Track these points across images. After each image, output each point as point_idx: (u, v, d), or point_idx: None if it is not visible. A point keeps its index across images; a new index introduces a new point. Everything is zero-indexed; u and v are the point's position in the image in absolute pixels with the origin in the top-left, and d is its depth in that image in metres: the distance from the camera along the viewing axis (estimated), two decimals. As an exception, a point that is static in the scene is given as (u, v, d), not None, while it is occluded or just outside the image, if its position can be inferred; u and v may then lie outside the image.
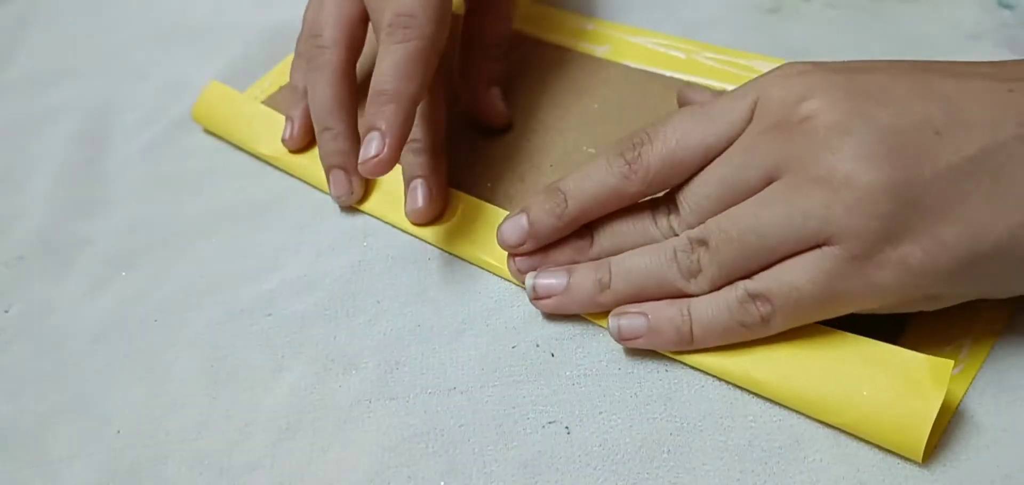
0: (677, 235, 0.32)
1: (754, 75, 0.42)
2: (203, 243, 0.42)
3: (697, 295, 0.31)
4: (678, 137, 0.31)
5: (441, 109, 0.41)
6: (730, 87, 0.42)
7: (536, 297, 0.34)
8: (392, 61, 0.35)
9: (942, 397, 0.28)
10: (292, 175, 0.44)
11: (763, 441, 0.30)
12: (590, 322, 0.34)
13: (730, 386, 0.31)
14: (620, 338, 0.32)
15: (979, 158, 0.27)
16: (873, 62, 0.30)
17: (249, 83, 0.50)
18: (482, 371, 0.33)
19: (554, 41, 0.49)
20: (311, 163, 0.44)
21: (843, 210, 0.27)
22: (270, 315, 0.38)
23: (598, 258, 0.33)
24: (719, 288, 0.30)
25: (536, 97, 0.45)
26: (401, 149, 0.34)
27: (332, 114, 0.40)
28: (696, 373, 0.32)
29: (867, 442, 0.29)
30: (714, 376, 0.32)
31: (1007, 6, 0.44)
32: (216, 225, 0.43)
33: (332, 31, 0.41)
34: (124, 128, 0.50)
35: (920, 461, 0.28)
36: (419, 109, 0.38)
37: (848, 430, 0.29)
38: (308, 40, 0.42)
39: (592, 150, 0.41)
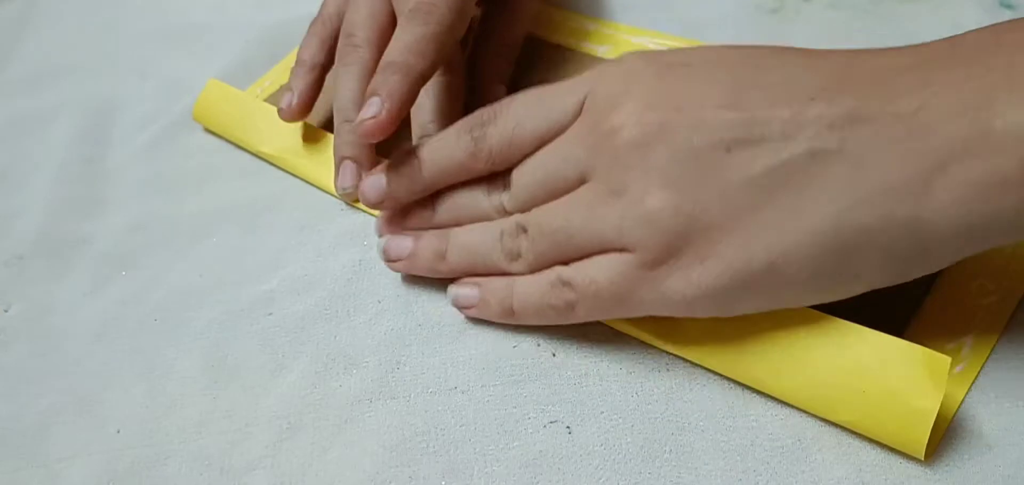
0: (506, 212, 0.34)
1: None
2: (203, 242, 0.42)
3: (519, 275, 0.33)
4: (517, 120, 0.33)
5: (456, 102, 0.41)
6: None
7: (387, 259, 0.36)
8: (406, 39, 0.36)
9: (942, 394, 0.27)
10: (293, 174, 0.44)
11: (765, 441, 0.30)
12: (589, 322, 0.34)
13: (732, 386, 0.31)
14: (456, 305, 0.35)
15: (763, 176, 0.27)
16: (700, 53, 0.31)
17: (249, 83, 0.50)
18: (483, 370, 0.33)
19: (555, 41, 0.49)
20: (312, 162, 0.44)
21: (633, 224, 0.29)
22: (271, 314, 0.37)
23: (439, 226, 0.36)
24: (536, 271, 0.33)
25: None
26: (399, 117, 0.35)
27: (356, 108, 0.40)
28: (698, 372, 0.32)
29: (869, 441, 0.29)
30: (715, 373, 0.32)
31: (1008, 6, 0.44)
32: (216, 224, 0.43)
33: (366, 32, 0.41)
34: (124, 127, 0.50)
35: (922, 458, 0.28)
36: (434, 100, 0.39)
37: (849, 427, 0.29)
38: (343, 39, 0.42)
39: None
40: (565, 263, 0.32)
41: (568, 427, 0.31)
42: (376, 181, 0.36)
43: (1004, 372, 0.30)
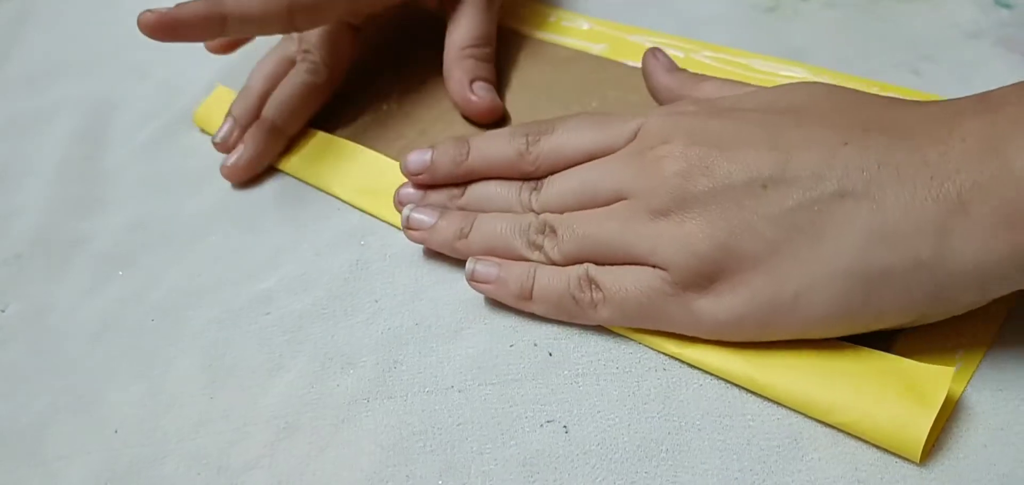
0: (533, 211, 0.36)
1: (751, 74, 0.43)
2: (201, 242, 0.42)
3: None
4: (571, 138, 0.36)
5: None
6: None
7: (407, 227, 0.37)
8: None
9: (941, 402, 0.28)
10: (293, 176, 0.44)
11: (761, 440, 0.30)
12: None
13: (729, 385, 0.31)
14: (472, 279, 0.35)
15: (793, 213, 0.29)
16: (751, 98, 0.33)
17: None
18: (480, 370, 0.33)
19: (552, 40, 0.49)
20: (312, 163, 0.44)
21: (670, 244, 0.31)
22: (268, 314, 0.37)
23: (464, 208, 0.38)
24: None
25: (534, 96, 0.45)
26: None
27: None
28: (695, 372, 0.32)
29: (866, 440, 0.29)
30: (714, 376, 0.32)
31: (1005, 5, 0.44)
32: (214, 224, 0.43)
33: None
34: (123, 126, 0.50)
35: (918, 461, 0.28)
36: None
37: (846, 431, 0.29)
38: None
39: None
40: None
41: (565, 426, 0.31)
42: (421, 156, 0.38)
43: (999, 371, 0.30)
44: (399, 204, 0.39)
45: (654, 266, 0.31)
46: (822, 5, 0.47)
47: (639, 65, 0.45)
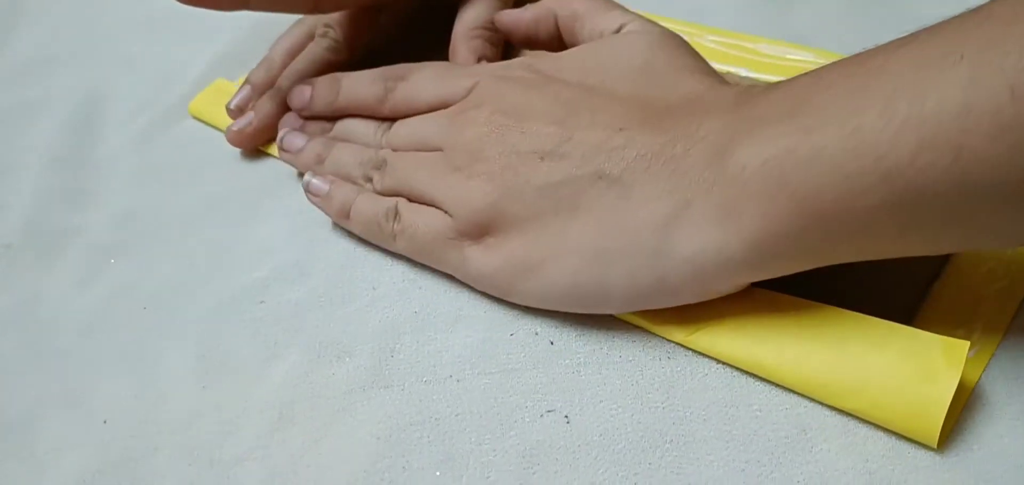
0: (379, 145, 0.39)
1: (758, 58, 0.42)
2: (194, 232, 0.41)
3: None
4: (421, 86, 0.39)
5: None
6: (734, 69, 0.42)
7: (280, 147, 0.42)
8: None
9: (957, 379, 0.27)
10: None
11: (768, 431, 0.29)
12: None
13: (734, 374, 0.31)
14: (307, 191, 0.39)
15: (558, 186, 0.32)
16: (563, 69, 0.36)
17: (241, 72, 0.49)
18: (479, 359, 0.33)
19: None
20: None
21: (456, 195, 0.34)
22: (263, 303, 0.37)
23: (333, 137, 0.41)
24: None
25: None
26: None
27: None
28: (700, 361, 0.31)
29: (876, 431, 0.28)
30: (720, 361, 0.31)
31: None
32: (208, 213, 0.42)
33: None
34: (115, 117, 0.49)
35: (935, 446, 0.27)
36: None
37: (859, 415, 0.28)
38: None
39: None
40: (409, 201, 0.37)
41: (566, 416, 0.30)
42: (302, 91, 0.42)
43: (1016, 358, 0.29)
44: (279, 128, 0.43)
45: (445, 213, 0.34)
46: (827, -10, 0.46)
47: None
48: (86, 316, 0.38)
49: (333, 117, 0.42)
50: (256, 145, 0.44)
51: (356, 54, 0.47)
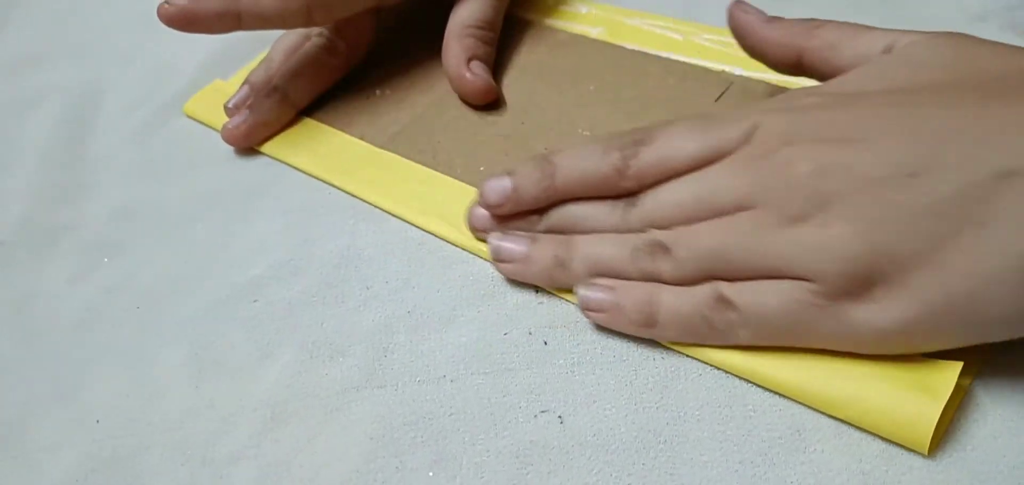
0: (631, 226, 0.32)
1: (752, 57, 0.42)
2: (188, 229, 0.41)
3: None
4: (675, 147, 0.31)
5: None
6: (729, 68, 0.42)
7: (498, 259, 0.34)
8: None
9: (949, 394, 0.27)
10: (284, 162, 0.43)
11: (763, 431, 0.29)
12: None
13: (729, 375, 0.30)
14: (584, 307, 0.32)
15: (952, 200, 0.26)
16: (863, 82, 0.31)
17: (236, 68, 0.49)
18: (473, 359, 0.33)
19: (549, 24, 0.48)
20: (303, 150, 0.43)
21: (812, 251, 0.27)
22: (256, 301, 0.37)
23: (548, 231, 0.34)
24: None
25: (531, 80, 0.44)
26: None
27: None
28: (694, 361, 0.31)
29: (870, 432, 0.28)
30: (714, 367, 0.31)
31: (1012, -14, 0.43)
32: (202, 210, 0.42)
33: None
34: (109, 112, 0.49)
35: (925, 453, 0.27)
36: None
37: (852, 424, 0.28)
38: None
39: (587, 133, 0.40)
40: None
41: (560, 417, 0.30)
42: (499, 184, 0.34)
43: (1009, 359, 0.29)
44: (476, 229, 0.36)
45: (795, 278, 0.28)
46: (824, -12, 0.46)
47: (637, 47, 0.44)
48: (79, 313, 0.38)
49: (544, 207, 0.35)
50: (251, 144, 0.44)
51: (356, 55, 0.47)
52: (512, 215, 0.35)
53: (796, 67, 0.35)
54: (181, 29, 0.40)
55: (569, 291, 0.33)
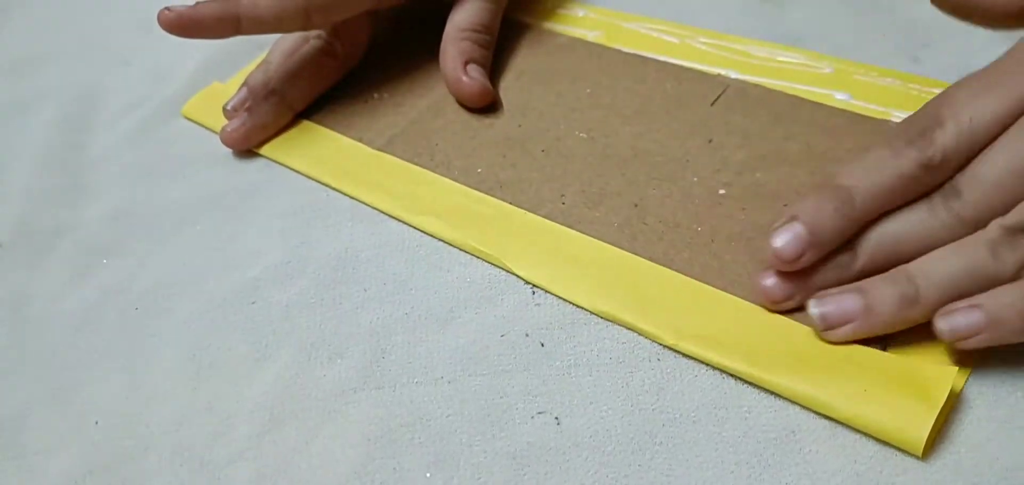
0: (964, 222, 0.28)
1: (748, 60, 0.42)
2: (186, 231, 0.41)
3: None
4: (972, 113, 0.27)
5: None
6: (724, 72, 0.42)
7: (828, 326, 0.29)
8: None
9: (944, 399, 0.27)
10: (282, 164, 0.43)
11: (758, 432, 0.29)
12: (580, 311, 0.33)
13: (724, 376, 0.31)
14: (955, 339, 0.27)
15: None
16: None
17: (233, 71, 0.49)
18: (470, 360, 0.33)
19: (547, 27, 0.48)
20: (301, 152, 0.43)
21: None
22: (254, 303, 0.37)
23: (865, 270, 0.30)
24: None
25: (528, 83, 0.44)
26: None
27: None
28: (689, 363, 0.31)
29: (865, 433, 0.28)
30: (711, 367, 0.31)
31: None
32: (199, 212, 0.42)
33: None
34: (107, 115, 0.49)
35: (920, 456, 0.27)
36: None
37: (847, 425, 0.28)
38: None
39: (584, 135, 0.40)
40: None
41: (556, 418, 0.31)
42: (791, 234, 0.29)
43: (1003, 361, 0.29)
44: (777, 302, 0.31)
45: None
46: (820, -8, 0.46)
47: (634, 51, 0.44)
48: (77, 315, 0.38)
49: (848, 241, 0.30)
50: (249, 146, 0.44)
51: (354, 57, 0.47)
52: (809, 271, 0.30)
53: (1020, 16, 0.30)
54: (181, 35, 0.40)
55: (569, 291, 0.33)
